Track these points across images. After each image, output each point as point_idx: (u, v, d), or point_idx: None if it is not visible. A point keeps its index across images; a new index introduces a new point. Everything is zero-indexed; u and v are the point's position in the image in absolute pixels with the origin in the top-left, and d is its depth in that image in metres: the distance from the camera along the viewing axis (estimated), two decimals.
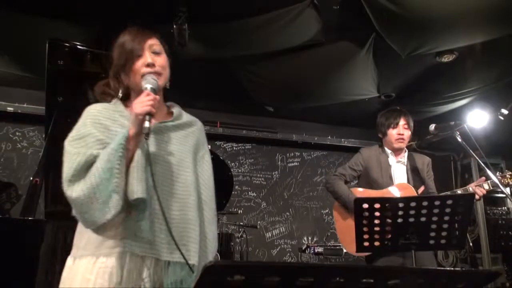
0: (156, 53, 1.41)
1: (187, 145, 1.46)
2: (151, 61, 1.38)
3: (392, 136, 2.65)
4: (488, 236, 5.50)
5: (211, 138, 5.45)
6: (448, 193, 2.54)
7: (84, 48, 2.55)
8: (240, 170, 5.61)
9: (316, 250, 4.45)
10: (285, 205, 5.70)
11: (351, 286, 0.85)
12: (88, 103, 1.44)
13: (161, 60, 1.42)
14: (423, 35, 3.35)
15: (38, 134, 4.80)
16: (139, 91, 1.35)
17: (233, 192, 4.60)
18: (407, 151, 2.73)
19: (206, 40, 3.55)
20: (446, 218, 1.94)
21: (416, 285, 0.89)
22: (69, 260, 1.31)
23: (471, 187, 2.46)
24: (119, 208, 1.22)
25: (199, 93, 4.88)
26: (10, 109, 4.61)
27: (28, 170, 4.61)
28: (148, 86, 1.32)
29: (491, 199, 5.51)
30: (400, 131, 2.64)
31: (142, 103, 1.26)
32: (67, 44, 2.50)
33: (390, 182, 2.61)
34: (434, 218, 1.94)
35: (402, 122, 2.65)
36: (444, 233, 1.98)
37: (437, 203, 1.91)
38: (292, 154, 5.93)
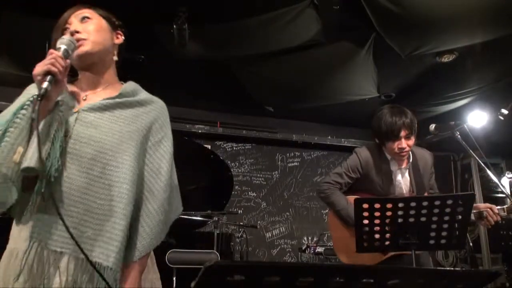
0: (84, 19, 1.29)
1: (135, 126, 1.25)
2: (74, 29, 1.25)
3: (392, 149, 2.30)
4: (488, 236, 5.51)
5: (211, 138, 5.45)
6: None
7: None
8: (240, 170, 5.61)
9: (316, 250, 4.45)
10: (285, 205, 5.70)
11: (351, 286, 0.85)
12: None
13: (90, 26, 1.28)
14: (423, 35, 3.35)
15: None
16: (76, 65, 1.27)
17: (233, 192, 4.60)
18: (410, 154, 2.39)
19: (206, 40, 3.55)
20: (446, 218, 1.94)
21: (416, 285, 0.89)
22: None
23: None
24: (13, 195, 1.06)
25: (199, 93, 4.88)
26: None
27: None
28: (58, 46, 1.16)
29: (491, 199, 5.51)
30: (402, 144, 2.25)
31: (42, 62, 1.11)
32: None
33: (391, 189, 2.38)
34: (434, 218, 1.94)
35: (403, 133, 2.24)
36: (444, 233, 1.98)
37: (437, 203, 1.91)
38: (292, 154, 5.93)
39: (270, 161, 5.79)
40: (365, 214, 1.96)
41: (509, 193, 2.45)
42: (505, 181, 5.52)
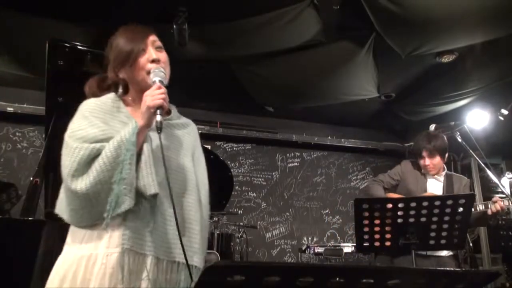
0: (158, 49, 1.40)
1: (186, 144, 1.45)
2: (157, 57, 1.36)
3: (420, 164, 2.72)
4: (488, 236, 5.51)
5: (211, 138, 5.45)
6: None
7: (84, 48, 2.54)
8: (240, 171, 5.61)
9: (316, 250, 4.45)
10: (285, 205, 5.70)
11: (351, 286, 0.85)
12: None
13: (164, 56, 1.41)
14: (423, 35, 3.35)
15: (38, 134, 4.79)
16: (142, 88, 1.33)
17: (233, 193, 4.60)
18: (445, 169, 2.73)
19: (206, 40, 3.55)
20: (446, 218, 1.94)
21: (416, 285, 0.89)
22: (68, 256, 1.24)
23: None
24: (131, 204, 1.18)
25: (199, 93, 4.88)
26: (10, 109, 4.61)
27: (28, 170, 4.61)
28: (157, 79, 1.30)
29: (491, 199, 5.51)
30: (426, 162, 2.66)
31: (154, 96, 1.25)
32: (67, 44, 2.49)
33: (423, 193, 2.63)
34: (434, 218, 1.95)
35: (425, 154, 2.65)
36: (444, 233, 1.98)
37: (437, 203, 1.92)
38: (292, 154, 5.93)
39: (270, 161, 5.79)
40: (365, 214, 1.97)
41: (509, 193, 2.45)
42: (505, 181, 5.52)
